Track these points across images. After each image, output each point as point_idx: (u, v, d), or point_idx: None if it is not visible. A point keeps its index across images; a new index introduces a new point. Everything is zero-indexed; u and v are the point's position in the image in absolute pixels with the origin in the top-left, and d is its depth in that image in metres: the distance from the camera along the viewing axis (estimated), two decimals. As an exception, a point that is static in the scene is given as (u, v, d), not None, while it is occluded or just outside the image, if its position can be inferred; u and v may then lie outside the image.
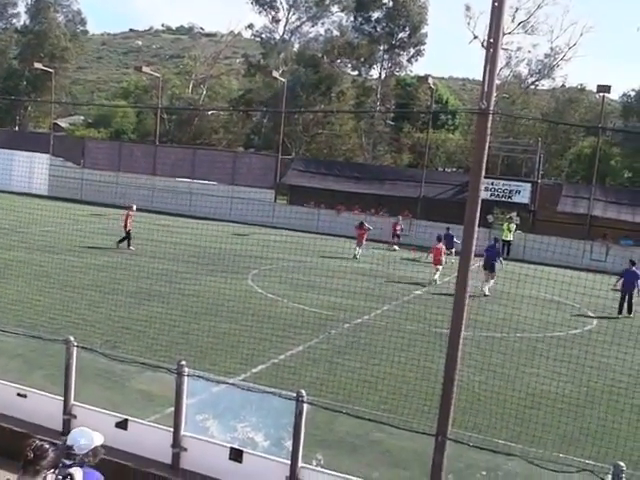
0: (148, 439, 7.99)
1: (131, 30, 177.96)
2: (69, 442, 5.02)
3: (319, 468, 7.88)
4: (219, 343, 13.59)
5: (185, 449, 7.78)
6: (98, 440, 5.14)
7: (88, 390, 9.60)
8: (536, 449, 9.35)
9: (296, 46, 71.30)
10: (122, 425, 8.02)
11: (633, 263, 23.05)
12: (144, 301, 16.93)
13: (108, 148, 52.55)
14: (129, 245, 26.16)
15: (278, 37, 69.62)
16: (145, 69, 56.63)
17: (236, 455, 7.50)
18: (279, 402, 7.68)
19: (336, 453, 9.36)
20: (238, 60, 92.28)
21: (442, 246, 25.82)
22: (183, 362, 7.81)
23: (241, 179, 45.66)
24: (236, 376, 11.59)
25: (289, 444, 7.48)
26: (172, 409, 8.17)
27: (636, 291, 22.09)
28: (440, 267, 25.25)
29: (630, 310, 21.84)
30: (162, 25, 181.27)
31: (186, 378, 7.82)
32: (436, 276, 24.80)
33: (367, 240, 31.29)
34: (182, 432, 7.83)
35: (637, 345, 15.32)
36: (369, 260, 25.08)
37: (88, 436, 5.11)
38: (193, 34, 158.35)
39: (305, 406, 7.27)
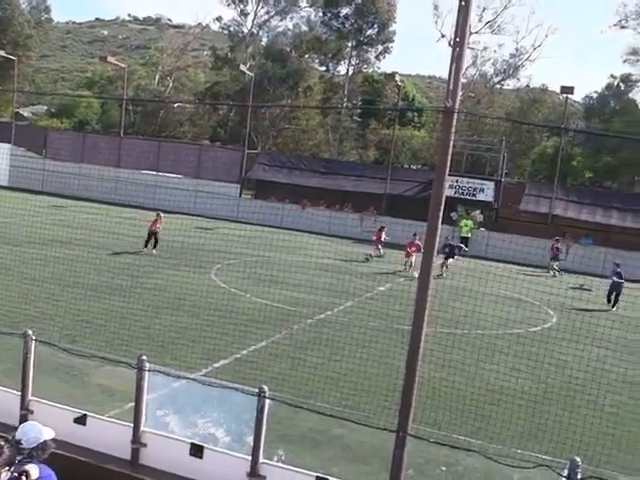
0: (107, 435, 7.89)
1: (97, 19, 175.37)
2: (18, 436, 4.92)
3: (280, 463, 7.87)
4: (181, 338, 13.51)
5: (145, 445, 7.70)
6: (48, 434, 5.05)
7: (46, 385, 9.45)
8: (495, 445, 9.47)
9: (264, 40, 71.07)
10: (81, 421, 7.90)
11: (617, 265, 24.59)
12: (105, 295, 16.74)
13: (71, 139, 51.77)
14: (146, 245, 24.55)
15: (246, 31, 69.22)
16: (110, 59, 55.86)
17: (197, 451, 7.44)
18: (241, 397, 7.63)
19: (297, 448, 9.37)
20: (205, 53, 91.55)
21: (417, 241, 25.60)
22: (144, 357, 7.72)
23: (206, 173, 45.37)
24: (198, 371, 11.52)
25: (250, 439, 7.44)
26: (132, 404, 8.07)
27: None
28: (411, 259, 25.95)
29: (614, 305, 23.11)
30: (129, 15, 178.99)
31: (147, 373, 7.73)
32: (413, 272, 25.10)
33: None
34: (142, 428, 7.74)
35: (594, 342, 15.63)
36: (332, 256, 25.11)
37: (37, 430, 5.02)
38: (160, 25, 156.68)
39: (267, 401, 7.24)
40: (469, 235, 37.43)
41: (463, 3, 6.39)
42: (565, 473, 6.18)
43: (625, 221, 39.43)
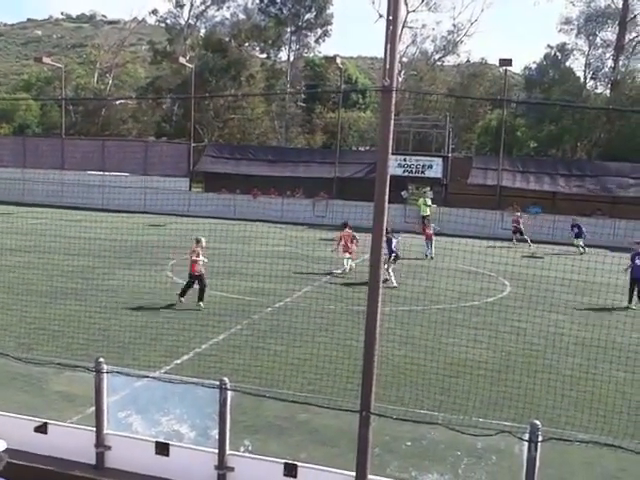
0: (70, 441, 7.78)
1: (29, 20, 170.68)
2: None
3: (247, 454, 7.88)
4: (140, 337, 13.37)
5: (109, 448, 7.62)
6: (0, 446, 4.97)
7: (4, 395, 9.29)
8: (458, 416, 9.64)
9: (202, 31, 70.21)
10: (41, 429, 7.77)
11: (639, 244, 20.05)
12: (59, 300, 16.45)
13: (12, 143, 50.56)
14: (183, 294, 17.16)
15: (183, 22, 68.32)
16: (46, 60, 54.53)
17: (162, 449, 7.39)
18: (203, 392, 7.60)
19: (264, 437, 9.39)
20: (144, 47, 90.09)
21: (350, 232, 23.44)
22: (101, 359, 7.62)
23: (154, 169, 44.80)
24: (159, 369, 11.44)
25: (216, 433, 7.43)
26: (94, 408, 7.99)
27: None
28: (348, 254, 23.28)
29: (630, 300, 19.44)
30: (62, 13, 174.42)
31: (105, 375, 7.64)
32: (347, 264, 23.20)
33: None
34: (105, 431, 7.66)
35: (552, 309, 16.00)
36: (288, 242, 25.08)
37: None
38: (95, 22, 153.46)
39: (229, 393, 7.22)
40: (428, 213, 37.74)
41: (394, -18, 6.41)
42: (526, 437, 6.32)
43: (571, 187, 40.30)
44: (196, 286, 17.02)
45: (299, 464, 7.14)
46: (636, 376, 12.22)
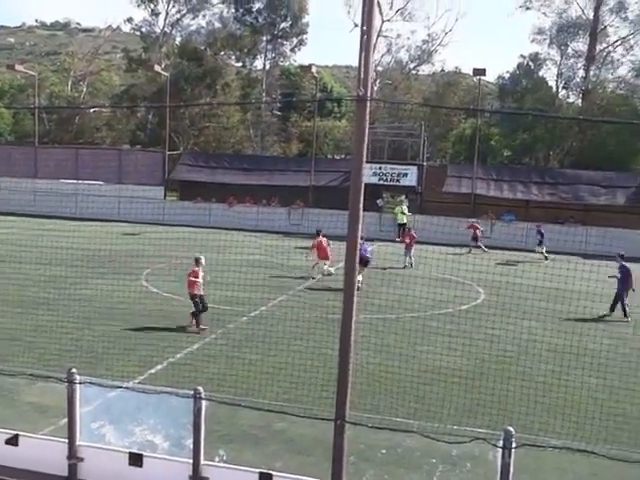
0: (42, 453, 7.70)
1: (2, 27, 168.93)
2: None
3: (222, 464, 7.85)
4: (113, 347, 13.25)
5: (81, 459, 7.55)
6: None
7: (-26, 408, 9.15)
8: (432, 423, 9.68)
9: (178, 39, 69.96)
10: (12, 441, 7.68)
11: (622, 257, 19.80)
12: (31, 310, 16.25)
13: (-17, 152, 49.88)
14: (197, 323, 15.86)
15: (159, 30, 68.00)
16: (19, 67, 54.04)
17: (135, 460, 7.35)
18: (177, 401, 7.57)
19: (239, 447, 9.36)
20: (118, 55, 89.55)
21: (323, 239, 23.92)
22: (73, 370, 7.56)
23: (128, 177, 44.49)
24: (133, 379, 11.36)
25: (190, 443, 7.40)
26: (66, 419, 7.90)
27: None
28: (327, 261, 23.74)
29: (625, 313, 19.26)
30: (36, 21, 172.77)
31: (78, 386, 7.57)
32: (326, 267, 23.67)
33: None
34: (77, 442, 7.59)
35: (525, 316, 16.13)
36: (264, 251, 25.04)
37: None
38: (69, 30, 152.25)
39: (204, 403, 7.20)
40: (405, 221, 37.85)
41: (367, -7, 6.47)
42: (500, 444, 6.38)
43: (544, 195, 40.73)
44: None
45: (274, 473, 7.13)
46: (607, 382, 12.36)
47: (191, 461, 7.25)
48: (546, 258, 30.35)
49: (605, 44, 59.86)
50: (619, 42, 59.43)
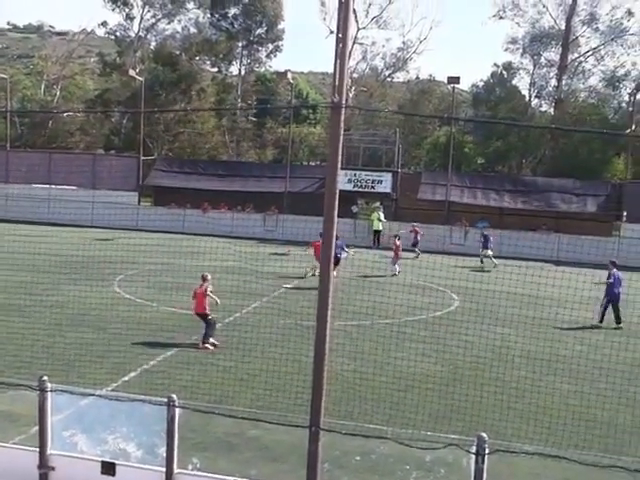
0: (12, 462, 7.57)
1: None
2: None
3: (196, 472, 7.79)
4: (86, 354, 13.10)
5: (53, 468, 7.44)
6: None
7: (-58, 417, 8.99)
8: (406, 430, 9.71)
9: (153, 44, 69.62)
10: (-18, 450, 7.55)
11: (614, 264, 19.84)
12: (1, 317, 16.00)
13: (-46, 156, 49.13)
14: (206, 339, 15.08)
15: (133, 35, 67.65)
16: (-10, 70, 53.39)
17: (108, 468, 7.26)
18: (150, 409, 7.50)
19: (213, 454, 9.30)
20: (93, 59, 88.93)
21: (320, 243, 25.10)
22: (45, 377, 7.45)
23: (102, 182, 44.16)
24: (105, 387, 11.25)
25: (163, 451, 7.33)
26: (37, 428, 7.80)
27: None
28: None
29: (619, 320, 19.30)
30: (8, 23, 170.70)
31: (49, 394, 7.47)
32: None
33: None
34: (49, 451, 7.48)
35: (498, 322, 16.26)
36: (238, 257, 24.97)
37: None
38: (43, 33, 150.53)
39: (177, 410, 7.14)
40: (381, 228, 37.98)
41: (343, 0, 6.50)
42: (473, 450, 6.41)
43: (517, 203, 41.15)
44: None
45: (248, 481, 7.09)
46: (579, 388, 12.51)
47: (164, 469, 7.18)
48: (482, 262, 30.80)
49: (577, 54, 60.85)
50: (590, 52, 60.46)
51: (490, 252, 31.59)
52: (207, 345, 14.96)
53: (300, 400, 9.60)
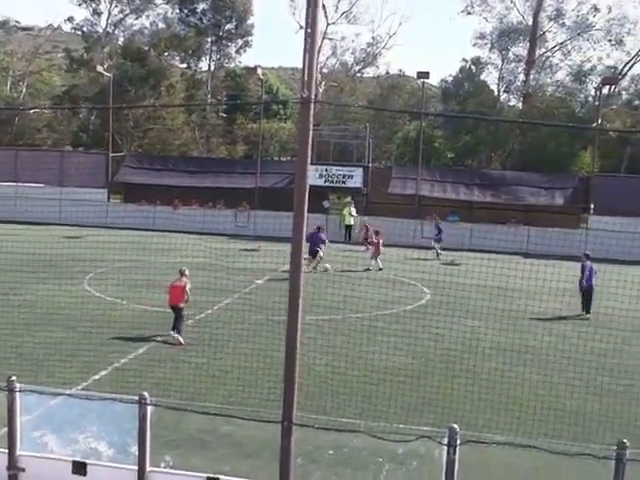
0: (-20, 464, 7.48)
1: None
2: None
3: (168, 469, 7.77)
4: (55, 353, 12.95)
5: (23, 469, 7.37)
6: None
7: None
8: (379, 423, 9.77)
9: (121, 39, 68.88)
10: (-51, 452, 7.45)
11: (587, 257, 20.34)
12: (-32, 317, 15.77)
13: None
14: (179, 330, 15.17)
15: (101, 30, 66.85)
16: (-47, 66, 52.37)
17: (79, 468, 7.21)
18: (122, 407, 7.45)
19: (186, 452, 9.28)
20: (59, 55, 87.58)
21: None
22: (13, 377, 7.37)
23: (70, 179, 43.55)
24: (76, 386, 11.14)
25: (135, 449, 7.30)
26: (6, 429, 7.70)
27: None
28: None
29: (588, 309, 19.77)
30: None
31: (18, 394, 7.39)
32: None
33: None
34: (18, 452, 7.40)
35: (468, 315, 16.43)
36: (209, 254, 24.86)
37: None
38: (8, 28, 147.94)
39: (149, 408, 7.11)
40: (352, 223, 38.08)
41: (311, -4, 6.51)
42: (445, 441, 6.48)
43: (486, 196, 41.49)
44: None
45: (222, 477, 7.09)
46: (548, 378, 12.71)
47: (136, 468, 7.15)
48: (438, 255, 31.18)
49: (544, 49, 61.56)
50: (557, 47, 61.21)
51: (438, 244, 32.32)
52: (178, 336, 14.95)
53: (273, 395, 9.60)
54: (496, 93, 62.45)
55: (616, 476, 6.21)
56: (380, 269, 26.36)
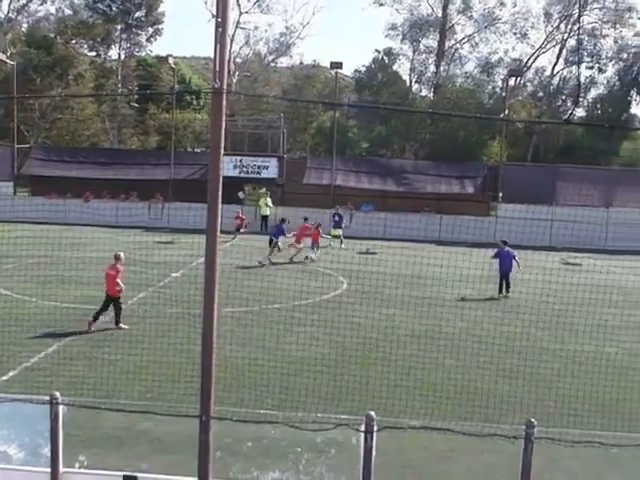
0: None
1: None
2: None
3: (83, 470, 7.59)
4: (-41, 355, 12.43)
5: None
6: None
7: None
8: (297, 413, 9.84)
9: (25, 26, 66.17)
10: None
11: (505, 243, 21.76)
12: None
13: None
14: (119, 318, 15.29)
15: (3, 16, 64.04)
16: None
17: (-13, 473, 6.95)
18: (32, 408, 7.23)
19: (102, 451, 9.07)
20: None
21: (309, 224, 28.39)
22: None
23: (-27, 173, 41.75)
24: (-17, 387, 10.71)
25: (48, 451, 7.09)
26: None
27: (513, 270, 21.17)
28: (301, 245, 27.24)
29: (508, 289, 21.03)
30: None
31: None
32: (311, 254, 27.09)
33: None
34: None
35: (384, 303, 16.71)
36: (123, 247, 24.33)
37: None
38: None
39: (61, 408, 6.91)
40: (268, 213, 38.00)
41: (221, -15, 6.44)
42: (362, 428, 6.58)
43: (399, 186, 42.21)
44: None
45: (139, 475, 6.99)
46: (461, 362, 13.09)
47: (49, 470, 6.95)
48: (341, 242, 31.97)
49: (453, 41, 62.96)
50: (466, 40, 62.73)
51: (340, 231, 32.82)
52: (122, 325, 15.03)
53: (191, 389, 9.53)
54: (408, 84, 63.50)
55: (525, 453, 6.47)
56: (313, 260, 26.87)
